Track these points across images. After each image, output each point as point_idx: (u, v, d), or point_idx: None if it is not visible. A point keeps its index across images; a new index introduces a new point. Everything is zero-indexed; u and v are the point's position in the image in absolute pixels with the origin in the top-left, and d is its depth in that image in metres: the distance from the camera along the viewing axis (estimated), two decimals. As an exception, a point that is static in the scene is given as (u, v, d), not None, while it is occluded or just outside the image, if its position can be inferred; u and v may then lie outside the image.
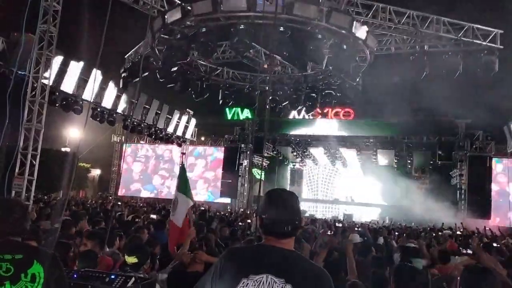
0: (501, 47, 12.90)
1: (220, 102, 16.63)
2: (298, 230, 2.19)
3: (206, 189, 28.77)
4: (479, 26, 13.13)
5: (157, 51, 13.20)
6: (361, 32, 11.56)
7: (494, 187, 22.29)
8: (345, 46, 11.50)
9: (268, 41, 11.02)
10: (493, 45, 12.99)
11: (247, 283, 2.01)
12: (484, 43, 13.00)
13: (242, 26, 10.26)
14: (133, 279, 3.14)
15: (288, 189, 2.36)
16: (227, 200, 27.02)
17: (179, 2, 12.57)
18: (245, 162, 26.70)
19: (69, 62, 15.46)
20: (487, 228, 15.88)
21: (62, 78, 15.36)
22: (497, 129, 22.10)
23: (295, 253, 2.17)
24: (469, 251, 5.14)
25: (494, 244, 9.49)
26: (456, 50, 13.36)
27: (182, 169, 6.30)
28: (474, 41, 13.10)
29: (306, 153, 29.59)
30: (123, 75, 15.78)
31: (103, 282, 3.11)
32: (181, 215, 5.62)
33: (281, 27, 10.04)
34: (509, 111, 20.10)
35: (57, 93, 15.42)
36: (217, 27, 10.81)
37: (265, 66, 15.79)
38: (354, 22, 11.18)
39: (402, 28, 13.41)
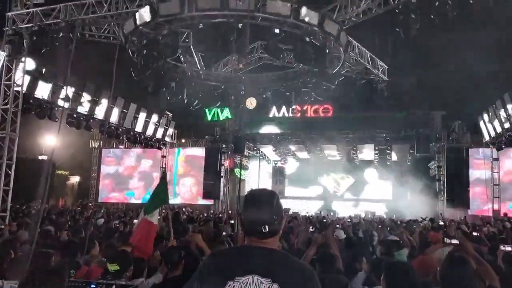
0: (387, 79, 16.36)
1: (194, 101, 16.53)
2: (279, 229, 2.16)
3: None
4: (380, 62, 16.33)
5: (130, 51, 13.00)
6: (332, 28, 11.71)
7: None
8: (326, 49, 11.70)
9: (242, 41, 11.04)
10: (384, 77, 16.35)
11: (234, 286, 2.00)
12: (380, 74, 16.31)
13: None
14: (113, 287, 3.09)
15: (270, 188, 2.33)
16: (210, 201, 26.87)
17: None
18: (227, 163, 26.63)
19: (43, 68, 15.10)
20: (462, 217, 16.25)
21: (36, 85, 15.00)
22: (472, 120, 22.62)
23: (279, 252, 2.17)
24: (454, 241, 5.20)
25: (474, 233, 9.74)
26: (361, 77, 16.17)
27: (163, 178, 6.19)
28: (375, 71, 16.18)
29: (287, 151, 29.70)
30: (11, 38, 12.73)
31: (84, 292, 3.06)
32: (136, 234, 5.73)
33: (273, 29, 10.14)
34: (483, 102, 20.61)
35: (31, 100, 15.07)
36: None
37: (240, 66, 15.80)
38: (326, 19, 11.33)
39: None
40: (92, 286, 3.13)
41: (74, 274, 4.16)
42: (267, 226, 2.08)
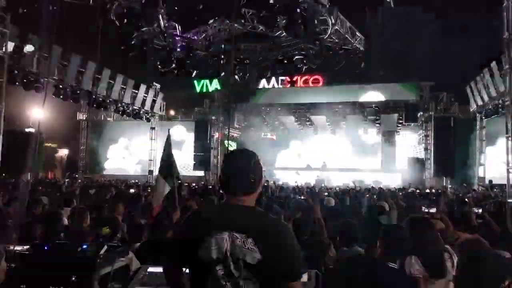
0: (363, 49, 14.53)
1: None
2: (257, 187, 2.20)
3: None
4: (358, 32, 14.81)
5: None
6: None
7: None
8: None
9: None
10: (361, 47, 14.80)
11: (211, 241, 2.07)
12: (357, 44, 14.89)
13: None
14: (105, 247, 3.14)
15: (261, 160, 2.33)
16: (201, 173, 26.98)
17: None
18: (217, 135, 26.66)
19: (27, 37, 14.73)
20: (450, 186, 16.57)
21: (20, 55, 14.69)
22: (459, 89, 22.80)
23: (255, 209, 2.22)
24: (432, 210, 5.44)
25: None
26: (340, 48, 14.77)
27: (167, 141, 6.16)
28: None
29: (276, 122, 29.73)
30: None
31: (75, 252, 3.11)
32: (159, 197, 5.71)
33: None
34: (471, 72, 20.71)
35: (17, 71, 14.81)
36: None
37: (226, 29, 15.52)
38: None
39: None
40: (84, 246, 3.17)
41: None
42: (243, 183, 2.15)
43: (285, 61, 15.04)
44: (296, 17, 11.87)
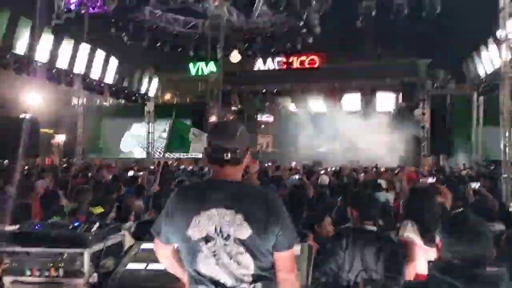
0: None
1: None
2: (241, 159, 2.18)
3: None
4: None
5: None
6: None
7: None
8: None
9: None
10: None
11: (199, 220, 2.05)
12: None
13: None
14: (97, 224, 3.14)
15: (257, 142, 2.30)
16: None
17: None
18: (213, 118, 26.54)
19: (18, 19, 14.45)
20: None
21: (12, 39, 14.44)
22: (456, 67, 22.66)
23: (242, 183, 2.23)
24: (430, 180, 5.48)
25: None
26: None
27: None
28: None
29: (273, 104, 29.61)
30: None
31: (67, 230, 3.10)
32: None
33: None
34: (467, 49, 20.53)
35: (9, 56, 14.60)
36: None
37: (216, 3, 15.25)
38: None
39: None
40: (76, 224, 3.16)
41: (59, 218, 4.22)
42: (229, 154, 2.11)
43: (274, 40, 14.85)
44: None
